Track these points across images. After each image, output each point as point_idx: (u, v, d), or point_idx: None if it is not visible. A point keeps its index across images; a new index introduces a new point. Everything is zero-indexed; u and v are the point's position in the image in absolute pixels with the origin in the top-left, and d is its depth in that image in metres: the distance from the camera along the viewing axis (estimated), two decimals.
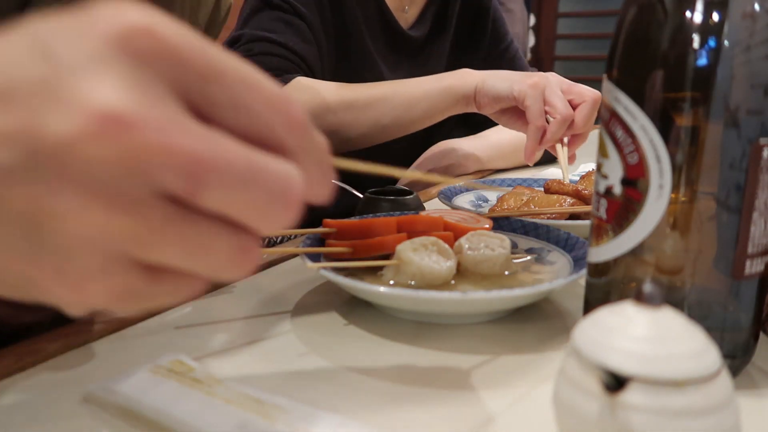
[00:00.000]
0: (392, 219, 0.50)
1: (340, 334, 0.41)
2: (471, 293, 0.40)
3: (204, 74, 0.20)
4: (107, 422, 0.31)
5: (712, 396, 0.23)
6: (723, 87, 0.30)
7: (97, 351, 0.38)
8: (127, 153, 0.19)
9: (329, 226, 0.49)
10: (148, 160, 0.19)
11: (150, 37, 0.19)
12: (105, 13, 0.20)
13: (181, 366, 0.34)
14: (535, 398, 0.34)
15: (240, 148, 0.20)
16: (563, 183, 0.67)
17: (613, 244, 0.34)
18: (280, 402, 0.30)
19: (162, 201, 0.20)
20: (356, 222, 0.49)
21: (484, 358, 0.38)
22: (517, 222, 0.56)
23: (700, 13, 0.30)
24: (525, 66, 1.22)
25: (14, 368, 0.36)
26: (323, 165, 0.24)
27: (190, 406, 0.30)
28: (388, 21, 1.05)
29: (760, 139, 0.31)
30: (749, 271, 0.32)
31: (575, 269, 0.45)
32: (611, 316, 0.25)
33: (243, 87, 0.21)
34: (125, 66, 0.19)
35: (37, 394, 0.33)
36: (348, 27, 1.01)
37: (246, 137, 0.21)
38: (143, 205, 0.19)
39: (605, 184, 0.34)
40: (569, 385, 0.26)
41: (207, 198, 0.20)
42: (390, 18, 1.05)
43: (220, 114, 0.21)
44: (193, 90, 0.20)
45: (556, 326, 0.43)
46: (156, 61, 0.19)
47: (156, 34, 0.19)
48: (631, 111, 0.32)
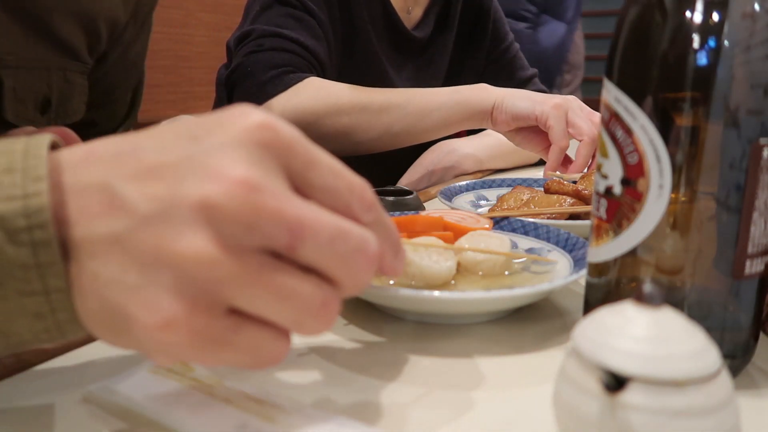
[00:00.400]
0: (392, 219, 0.50)
1: (340, 334, 0.41)
2: (471, 293, 0.40)
3: (305, 163, 0.26)
4: (107, 422, 0.31)
5: (712, 396, 0.23)
6: (723, 87, 0.30)
7: (97, 351, 0.38)
8: (250, 208, 0.24)
9: None
10: (263, 217, 0.24)
11: (270, 131, 0.26)
12: (238, 112, 0.26)
13: (181, 366, 0.34)
14: (535, 398, 0.34)
15: (330, 215, 0.26)
16: (563, 183, 0.67)
17: (613, 244, 0.34)
18: (280, 402, 0.30)
19: (265, 254, 0.25)
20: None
21: (484, 358, 0.38)
22: (517, 222, 0.56)
23: (700, 13, 0.30)
24: (525, 66, 1.22)
25: (14, 368, 0.35)
26: (393, 239, 0.30)
27: (190, 406, 0.30)
28: (394, 21, 1.05)
29: (760, 139, 0.31)
30: (749, 271, 0.32)
31: (575, 269, 0.45)
32: (611, 316, 0.25)
33: (331, 174, 0.27)
34: (252, 150, 0.25)
35: (37, 394, 0.33)
36: (355, 26, 1.00)
37: (334, 212, 0.26)
38: (249, 253, 0.24)
39: (605, 184, 0.34)
40: (569, 385, 0.26)
41: (303, 251, 0.25)
42: (395, 18, 1.05)
43: (314, 194, 0.27)
44: (297, 174, 0.26)
45: (556, 326, 0.43)
46: (273, 149, 0.25)
47: (274, 129, 0.26)
48: (631, 111, 0.32)
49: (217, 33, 2.58)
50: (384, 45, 1.04)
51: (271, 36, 0.88)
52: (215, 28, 2.57)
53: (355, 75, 0.95)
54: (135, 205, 0.24)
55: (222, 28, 2.58)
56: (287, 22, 0.90)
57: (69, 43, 0.56)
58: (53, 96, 0.55)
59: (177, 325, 0.24)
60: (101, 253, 0.24)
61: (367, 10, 1.00)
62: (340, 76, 0.96)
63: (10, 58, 0.51)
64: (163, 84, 2.46)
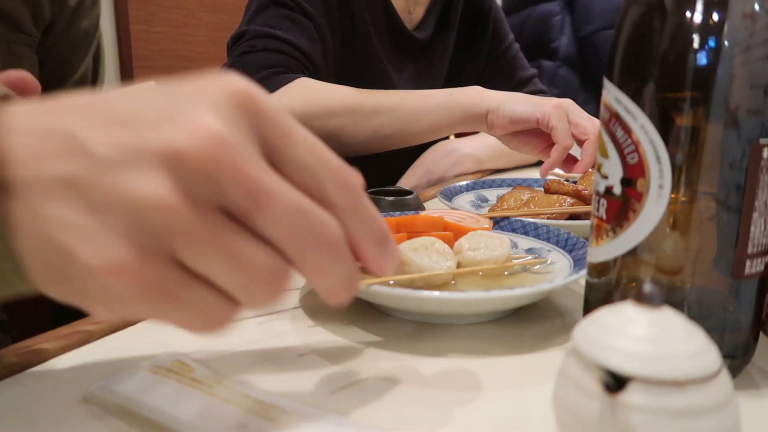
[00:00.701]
0: (392, 219, 0.50)
1: (340, 334, 0.41)
2: (471, 293, 0.40)
3: (281, 134, 0.26)
4: (107, 422, 0.31)
5: (712, 396, 0.23)
6: (723, 87, 0.30)
7: (97, 351, 0.38)
8: (215, 161, 0.23)
9: None
10: (227, 173, 0.23)
11: (250, 98, 0.25)
12: (220, 77, 0.26)
13: (181, 366, 0.34)
14: (535, 398, 0.34)
15: (296, 193, 0.25)
16: (563, 183, 0.68)
17: (613, 244, 0.34)
18: (280, 402, 0.30)
19: (222, 214, 0.24)
20: None
21: (484, 358, 0.38)
22: (517, 222, 0.56)
23: (700, 13, 0.30)
24: (525, 66, 1.22)
25: (14, 368, 0.36)
26: (375, 231, 0.28)
27: (190, 406, 0.30)
28: (395, 22, 1.04)
29: (760, 139, 0.31)
30: (749, 271, 0.32)
31: (575, 269, 0.45)
32: (611, 316, 0.25)
33: (308, 152, 0.26)
34: (229, 110, 0.25)
35: (37, 394, 0.33)
36: (356, 27, 1.00)
37: (303, 190, 0.26)
38: (208, 209, 0.24)
39: (605, 184, 0.34)
40: (569, 385, 0.26)
41: (259, 220, 0.25)
42: (396, 19, 1.04)
43: (287, 168, 0.26)
44: (271, 144, 0.26)
45: (556, 326, 0.43)
46: (250, 114, 0.25)
47: (254, 96, 0.25)
48: (631, 111, 0.32)
49: (217, 33, 2.58)
50: (385, 46, 1.04)
51: (264, 37, 0.89)
52: (215, 28, 2.57)
53: (356, 76, 0.95)
54: (95, 150, 0.23)
55: (222, 28, 2.58)
56: (282, 23, 0.91)
57: (11, 14, 0.55)
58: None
59: (124, 271, 0.23)
60: (51, 193, 0.23)
61: (368, 11, 1.00)
62: (340, 77, 0.96)
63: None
64: None
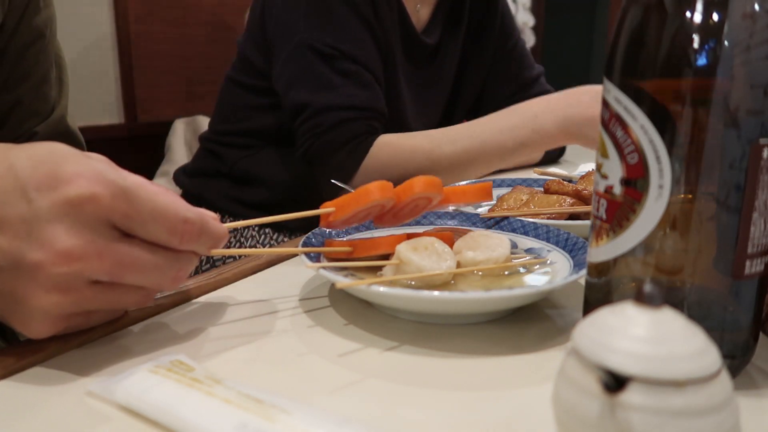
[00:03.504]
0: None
1: (340, 334, 0.41)
2: (471, 293, 0.40)
3: (124, 217, 0.34)
4: (107, 422, 0.31)
5: (712, 396, 0.23)
6: (723, 87, 0.30)
7: (97, 351, 0.38)
8: (74, 270, 0.33)
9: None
10: (87, 271, 0.33)
11: (94, 203, 0.33)
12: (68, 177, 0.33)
13: (181, 366, 0.34)
14: (535, 398, 0.34)
15: (146, 254, 0.35)
16: (563, 183, 0.68)
17: (613, 244, 0.34)
18: (280, 402, 0.30)
19: (93, 284, 0.34)
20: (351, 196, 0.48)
21: (484, 358, 0.38)
22: (517, 222, 0.56)
23: (700, 13, 0.30)
24: (532, 64, 1.21)
25: (14, 368, 0.36)
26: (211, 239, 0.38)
27: (190, 406, 0.30)
28: (407, 26, 1.02)
29: (760, 139, 0.31)
30: (749, 271, 0.32)
31: (575, 269, 0.45)
32: (611, 316, 0.25)
33: (151, 220, 0.35)
34: (77, 220, 0.33)
35: (37, 393, 0.33)
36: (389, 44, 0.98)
37: (157, 244, 0.36)
38: (81, 288, 0.34)
39: (605, 184, 0.34)
40: (569, 385, 0.26)
41: (125, 280, 0.35)
42: (408, 22, 1.02)
43: (137, 234, 0.35)
44: (122, 226, 0.34)
45: (556, 326, 0.43)
46: (94, 214, 0.33)
47: (94, 199, 0.33)
48: (631, 111, 0.32)
49: (217, 33, 2.58)
50: (399, 53, 1.02)
51: (326, 111, 0.87)
52: (215, 28, 2.57)
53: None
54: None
55: (222, 28, 2.58)
56: (335, 80, 0.89)
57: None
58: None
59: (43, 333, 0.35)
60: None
61: (389, 17, 0.97)
62: None
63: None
64: (163, 84, 2.46)
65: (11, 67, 0.61)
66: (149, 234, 0.35)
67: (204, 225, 0.37)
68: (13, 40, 0.60)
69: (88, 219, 0.33)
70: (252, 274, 0.53)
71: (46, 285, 0.33)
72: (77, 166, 0.33)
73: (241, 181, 1.03)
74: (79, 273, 0.33)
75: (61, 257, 0.32)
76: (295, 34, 0.91)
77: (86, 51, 2.20)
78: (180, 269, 0.37)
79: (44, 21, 0.62)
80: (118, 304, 0.37)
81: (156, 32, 2.41)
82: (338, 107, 0.87)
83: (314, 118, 0.88)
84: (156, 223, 0.35)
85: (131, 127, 2.33)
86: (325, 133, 0.87)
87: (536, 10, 3.94)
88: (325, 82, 0.89)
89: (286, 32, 0.92)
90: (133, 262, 0.35)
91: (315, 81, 0.89)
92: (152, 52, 2.40)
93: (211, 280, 0.50)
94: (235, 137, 1.04)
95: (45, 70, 0.64)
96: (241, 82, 1.03)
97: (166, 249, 0.36)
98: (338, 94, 0.88)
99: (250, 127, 1.03)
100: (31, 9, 0.61)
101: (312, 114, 0.88)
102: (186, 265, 0.38)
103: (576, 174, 0.92)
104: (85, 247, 0.33)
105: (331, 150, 0.88)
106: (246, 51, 1.02)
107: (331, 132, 0.87)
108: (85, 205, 0.33)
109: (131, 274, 0.35)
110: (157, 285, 0.37)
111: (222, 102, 1.09)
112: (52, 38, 0.65)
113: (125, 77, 2.32)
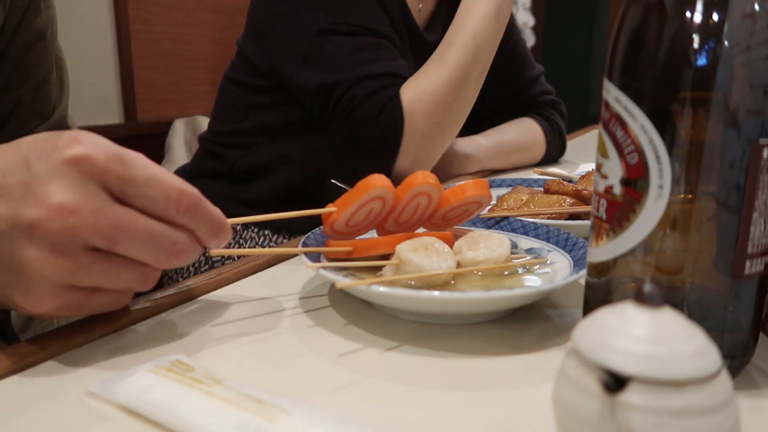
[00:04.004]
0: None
1: (340, 334, 0.41)
2: (471, 293, 0.40)
3: (120, 180, 0.34)
4: (107, 422, 0.31)
5: (712, 396, 0.23)
6: (723, 87, 0.30)
7: (97, 351, 0.38)
8: (68, 227, 0.33)
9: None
10: (85, 230, 0.33)
11: (90, 163, 0.33)
12: (64, 142, 0.34)
13: (181, 366, 0.34)
14: (535, 398, 0.34)
15: (143, 220, 0.35)
16: (563, 183, 0.68)
17: (613, 244, 0.34)
18: (280, 402, 0.30)
19: (90, 251, 0.34)
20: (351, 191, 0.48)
21: (484, 358, 0.38)
22: (517, 222, 0.56)
23: (700, 13, 0.30)
24: (533, 64, 1.21)
25: (15, 368, 0.36)
26: (211, 227, 0.38)
27: (190, 406, 0.30)
28: (410, 24, 1.02)
29: (760, 139, 0.31)
30: (749, 271, 0.32)
31: (575, 269, 0.45)
32: (611, 316, 0.25)
33: (147, 186, 0.35)
34: (72, 178, 0.33)
35: (37, 393, 0.33)
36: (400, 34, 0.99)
37: (152, 215, 0.35)
38: (77, 253, 0.34)
39: (605, 184, 0.34)
40: (569, 385, 0.26)
41: (120, 249, 0.35)
42: (410, 19, 1.02)
43: (134, 202, 0.35)
44: (115, 188, 0.34)
45: (556, 326, 0.43)
46: (90, 174, 0.33)
47: (89, 159, 0.33)
48: (631, 111, 0.32)
49: (217, 33, 2.58)
50: (404, 50, 1.02)
51: (358, 83, 0.87)
52: (215, 28, 2.57)
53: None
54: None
55: (222, 28, 2.58)
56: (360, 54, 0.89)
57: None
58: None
59: (44, 306, 0.35)
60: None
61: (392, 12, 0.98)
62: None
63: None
64: (163, 84, 2.46)
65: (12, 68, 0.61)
66: (145, 199, 0.35)
67: (202, 200, 0.37)
68: (13, 41, 0.60)
69: (84, 179, 0.33)
70: (252, 274, 0.53)
71: (42, 244, 0.33)
72: (75, 134, 0.34)
73: (242, 179, 1.03)
74: (75, 231, 0.33)
75: (55, 210, 0.32)
76: (303, 22, 0.90)
77: (86, 51, 2.20)
78: (177, 242, 0.36)
79: (45, 22, 0.63)
80: (117, 279, 0.36)
81: (156, 32, 2.41)
82: (369, 76, 0.87)
83: (348, 92, 0.87)
84: (152, 188, 0.35)
85: (131, 127, 2.33)
86: (362, 103, 0.86)
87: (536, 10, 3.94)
88: (351, 58, 0.88)
89: (291, 22, 0.92)
90: (128, 226, 0.34)
91: (340, 59, 0.89)
92: (152, 52, 2.40)
93: (211, 280, 0.50)
94: (236, 137, 1.04)
95: (46, 72, 0.64)
96: (241, 81, 1.03)
97: (163, 220, 0.36)
98: (366, 66, 0.88)
99: (251, 125, 1.03)
100: (31, 10, 0.61)
101: (344, 90, 0.87)
102: (184, 241, 0.37)
103: (576, 174, 0.92)
104: (80, 202, 0.33)
105: (371, 118, 0.86)
106: (246, 50, 1.02)
107: (368, 100, 0.86)
108: (81, 163, 0.33)
109: (127, 242, 0.34)
110: (154, 258, 0.36)
111: (221, 102, 1.09)
112: (52, 39, 0.65)
113: (125, 77, 2.32)
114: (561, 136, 1.20)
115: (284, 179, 1.00)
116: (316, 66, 0.90)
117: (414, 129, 0.86)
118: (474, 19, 0.89)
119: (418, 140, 0.86)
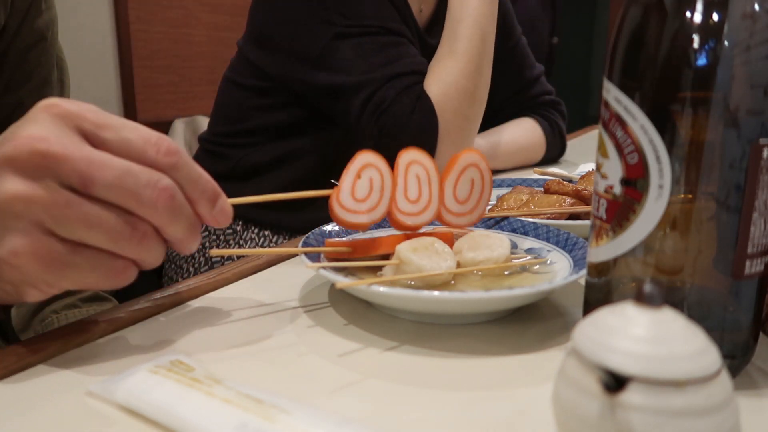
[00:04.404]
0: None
1: (340, 334, 0.41)
2: (471, 293, 0.40)
3: (95, 124, 0.34)
4: (107, 422, 0.31)
5: (712, 396, 0.23)
6: (723, 87, 0.30)
7: (97, 351, 0.38)
8: (43, 156, 0.32)
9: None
10: (55, 161, 0.32)
11: (59, 106, 0.33)
12: (44, 101, 0.34)
13: (181, 366, 0.34)
14: (535, 398, 0.34)
15: (120, 160, 0.33)
16: (563, 183, 0.68)
17: (613, 244, 0.34)
18: (280, 402, 0.30)
19: (66, 190, 0.32)
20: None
21: (484, 358, 0.38)
22: (517, 222, 0.56)
23: (700, 13, 0.30)
24: (533, 64, 1.21)
25: (15, 367, 0.36)
26: (203, 187, 0.36)
27: (190, 406, 0.30)
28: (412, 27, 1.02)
29: (760, 139, 0.31)
30: (749, 271, 0.32)
31: (575, 269, 0.45)
32: (611, 316, 0.25)
33: (125, 129, 0.34)
34: (48, 121, 0.33)
35: (37, 393, 0.33)
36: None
37: (128, 158, 0.33)
38: (52, 188, 0.32)
39: (605, 184, 0.34)
40: (569, 385, 0.26)
41: (96, 189, 0.32)
42: (413, 21, 1.02)
43: (109, 146, 0.34)
44: (89, 132, 0.34)
45: (556, 326, 0.43)
46: (64, 118, 0.33)
47: (62, 105, 0.33)
48: (631, 111, 0.32)
49: (217, 33, 2.58)
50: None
51: (386, 82, 0.86)
52: (215, 28, 2.57)
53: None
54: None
55: (222, 28, 2.58)
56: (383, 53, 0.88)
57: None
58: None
59: (22, 254, 0.32)
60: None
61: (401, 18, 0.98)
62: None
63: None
64: (163, 84, 2.46)
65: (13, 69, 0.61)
66: (122, 142, 0.33)
67: (185, 153, 0.35)
68: (14, 42, 0.60)
69: (56, 121, 0.33)
70: (252, 274, 0.53)
71: (15, 174, 0.32)
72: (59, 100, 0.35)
73: (243, 178, 1.03)
74: (46, 160, 0.32)
75: (25, 138, 0.32)
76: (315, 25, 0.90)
77: (86, 51, 2.20)
78: (159, 180, 0.34)
79: (46, 23, 0.63)
80: (98, 230, 0.33)
81: (156, 32, 2.41)
82: (395, 75, 0.86)
83: (376, 94, 0.86)
84: (129, 132, 0.34)
85: None
86: (391, 106, 0.85)
87: None
88: (373, 59, 0.88)
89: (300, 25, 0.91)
90: (104, 162, 0.32)
91: (361, 61, 0.88)
92: (152, 52, 2.40)
93: (210, 280, 0.50)
94: (236, 138, 1.04)
95: (47, 73, 0.64)
96: (242, 83, 1.03)
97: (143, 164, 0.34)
98: (391, 65, 0.87)
99: (250, 126, 1.03)
100: (32, 11, 0.61)
101: (373, 91, 0.86)
102: (168, 182, 0.34)
103: (576, 174, 0.92)
104: (54, 136, 0.32)
105: (404, 121, 0.85)
106: (246, 52, 1.01)
107: (396, 103, 0.85)
108: (54, 107, 0.33)
109: (103, 180, 0.32)
110: (136, 200, 0.33)
111: (221, 103, 1.09)
112: (53, 40, 0.65)
113: (125, 77, 2.32)
114: (561, 136, 1.20)
115: (284, 179, 1.00)
116: (335, 69, 0.89)
117: (447, 125, 0.86)
118: (471, 6, 0.89)
119: (453, 135, 0.86)
